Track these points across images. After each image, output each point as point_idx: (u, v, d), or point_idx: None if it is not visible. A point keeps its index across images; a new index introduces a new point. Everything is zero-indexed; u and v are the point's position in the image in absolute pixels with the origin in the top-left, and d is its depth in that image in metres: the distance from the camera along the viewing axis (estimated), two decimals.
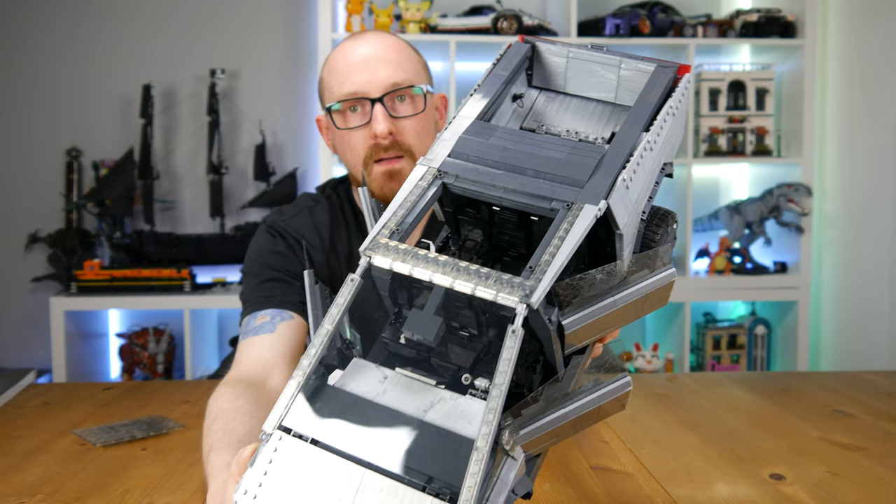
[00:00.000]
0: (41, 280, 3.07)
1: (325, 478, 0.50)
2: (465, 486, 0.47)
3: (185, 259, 2.98)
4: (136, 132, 3.08)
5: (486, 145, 0.61)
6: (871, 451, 1.10)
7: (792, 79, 3.03)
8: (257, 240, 1.31)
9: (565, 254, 0.53)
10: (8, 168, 3.16)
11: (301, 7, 3.21)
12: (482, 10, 2.95)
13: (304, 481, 0.50)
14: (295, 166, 3.16)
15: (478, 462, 0.47)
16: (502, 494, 0.51)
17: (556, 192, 0.57)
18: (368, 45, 1.21)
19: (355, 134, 1.20)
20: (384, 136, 1.17)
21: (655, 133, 0.62)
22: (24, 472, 0.97)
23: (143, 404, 1.27)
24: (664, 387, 1.48)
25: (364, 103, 1.18)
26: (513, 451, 0.52)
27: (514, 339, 0.50)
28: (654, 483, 0.96)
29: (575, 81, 0.72)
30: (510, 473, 0.51)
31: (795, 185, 2.91)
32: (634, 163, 0.59)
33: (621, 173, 0.57)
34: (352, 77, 1.19)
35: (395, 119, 1.18)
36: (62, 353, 2.77)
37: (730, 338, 3.05)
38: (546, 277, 0.52)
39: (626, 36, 2.88)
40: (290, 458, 0.51)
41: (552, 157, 0.59)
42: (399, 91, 1.19)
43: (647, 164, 0.61)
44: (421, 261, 0.54)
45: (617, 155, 0.59)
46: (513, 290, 0.51)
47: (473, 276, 0.52)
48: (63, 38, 3.15)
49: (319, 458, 0.51)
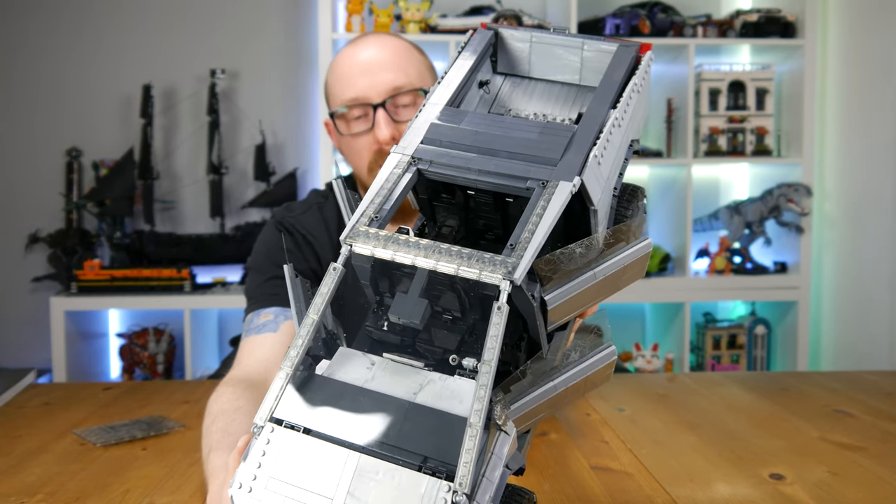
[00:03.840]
0: (41, 280, 3.07)
1: (320, 465, 0.50)
2: (461, 462, 0.47)
3: (185, 259, 2.98)
4: (137, 132, 3.08)
5: (457, 130, 0.62)
6: (871, 451, 1.10)
7: (792, 79, 3.03)
8: (265, 235, 1.31)
9: (544, 230, 0.54)
10: (8, 168, 3.16)
11: (301, 7, 3.21)
12: (482, 10, 2.95)
13: (298, 470, 0.50)
14: (295, 166, 3.17)
15: (472, 438, 0.48)
16: (497, 469, 0.51)
17: (531, 172, 0.58)
18: (370, 49, 1.21)
19: (360, 139, 1.20)
20: (387, 143, 1.17)
21: (622, 110, 0.63)
22: (24, 472, 0.97)
23: (143, 404, 1.27)
24: (664, 387, 1.48)
25: (367, 108, 1.18)
26: (505, 426, 0.52)
27: (500, 316, 0.51)
28: (654, 483, 0.96)
29: (539, 65, 0.73)
30: (504, 448, 0.52)
31: (795, 185, 2.91)
32: (604, 139, 0.60)
33: (592, 150, 0.59)
34: (354, 82, 1.19)
35: (398, 123, 1.18)
36: (62, 353, 2.77)
37: (730, 338, 3.05)
38: (527, 254, 0.53)
39: (625, 36, 2.88)
40: (284, 449, 0.51)
41: (524, 138, 0.60)
42: (401, 95, 1.18)
43: (615, 140, 0.63)
44: (402, 245, 0.54)
45: (587, 132, 0.60)
46: (495, 267, 0.52)
47: (456, 257, 0.53)
48: (63, 39, 3.15)
49: (313, 447, 0.51)
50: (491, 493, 0.50)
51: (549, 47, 0.72)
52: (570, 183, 0.56)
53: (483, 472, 0.50)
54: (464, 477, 0.47)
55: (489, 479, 0.50)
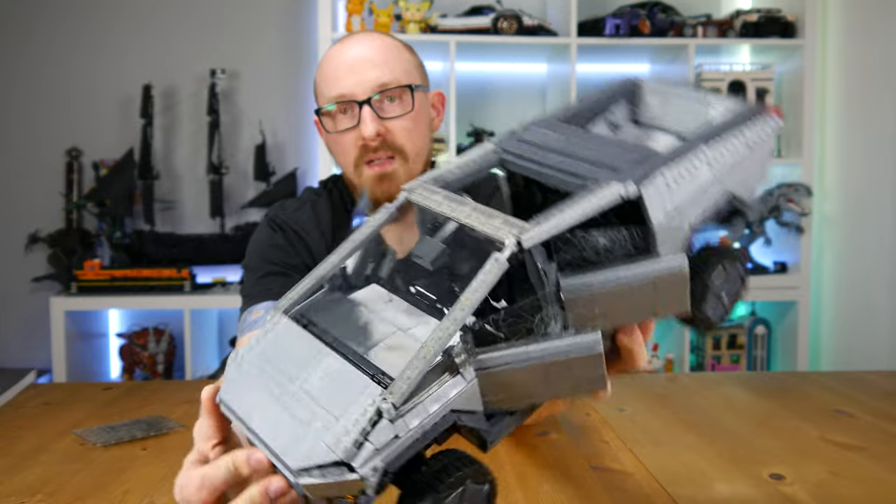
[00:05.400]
0: (41, 280, 3.07)
1: (299, 353, 0.55)
2: (402, 374, 0.48)
3: (185, 259, 2.97)
4: (137, 132, 3.08)
5: (549, 135, 0.65)
6: (871, 451, 1.10)
7: (792, 79, 3.03)
8: (258, 234, 1.31)
9: (575, 212, 0.53)
10: (8, 168, 3.16)
11: (301, 7, 3.21)
12: (482, 10, 2.95)
13: (281, 353, 0.56)
14: (295, 166, 3.17)
15: (420, 359, 0.49)
16: (437, 404, 0.50)
17: (595, 173, 0.58)
18: (356, 47, 1.21)
19: (346, 136, 1.20)
20: (372, 139, 1.17)
21: (718, 150, 0.61)
22: (24, 472, 0.97)
23: (143, 404, 1.27)
24: (664, 387, 1.48)
25: (352, 106, 1.18)
26: (463, 369, 0.51)
27: (494, 265, 0.51)
28: (654, 483, 0.96)
29: (668, 117, 0.74)
30: (453, 389, 0.51)
31: (795, 185, 2.91)
32: (683, 168, 0.59)
33: (664, 170, 0.58)
34: (339, 80, 1.19)
35: (383, 120, 1.18)
36: (62, 353, 2.77)
37: (730, 338, 3.05)
38: (547, 223, 0.52)
39: (625, 36, 2.88)
40: (280, 335, 0.58)
41: (605, 150, 0.61)
42: (387, 92, 1.18)
43: (700, 177, 0.60)
44: (444, 199, 0.58)
45: (667, 157, 0.59)
46: (510, 228, 0.52)
47: (483, 214, 0.55)
48: (63, 39, 3.15)
49: (302, 339, 0.56)
50: (421, 422, 0.49)
51: (681, 100, 0.73)
52: (622, 185, 0.55)
53: (422, 399, 0.50)
54: (398, 388, 0.48)
55: (425, 406, 0.49)
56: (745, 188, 0.66)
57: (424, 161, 1.26)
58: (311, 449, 0.48)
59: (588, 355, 0.53)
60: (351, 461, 0.47)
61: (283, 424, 0.51)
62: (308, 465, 0.48)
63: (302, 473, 0.48)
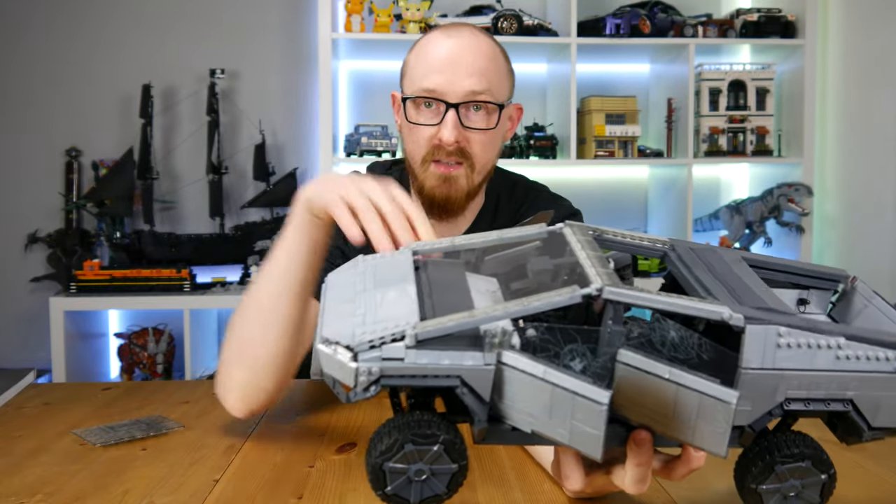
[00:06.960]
0: (41, 280, 3.07)
1: (396, 272, 0.65)
2: (439, 321, 0.55)
3: (184, 259, 2.97)
4: (136, 132, 3.08)
5: (722, 261, 0.69)
6: (871, 451, 1.09)
7: (792, 79, 3.03)
8: None
9: (668, 300, 0.57)
10: (7, 168, 3.15)
11: (301, 7, 3.21)
12: (482, 10, 2.95)
13: (387, 266, 0.67)
14: (295, 166, 3.16)
15: (462, 317, 0.55)
16: (450, 361, 0.55)
17: (722, 296, 0.61)
18: (460, 44, 1.21)
19: (423, 130, 1.21)
20: (450, 144, 1.18)
21: (854, 349, 0.61)
22: (23, 472, 0.96)
23: (143, 404, 1.27)
24: None
25: (439, 104, 1.19)
26: (488, 351, 0.55)
27: (567, 291, 0.56)
28: (654, 483, 0.96)
29: (860, 321, 0.74)
30: (470, 360, 0.55)
31: (796, 185, 2.91)
32: (804, 336, 0.58)
33: (781, 327, 0.58)
34: (435, 73, 1.19)
35: (465, 129, 1.19)
36: (62, 353, 2.77)
37: None
38: (636, 291, 0.56)
39: (626, 36, 2.88)
40: (397, 257, 0.69)
41: (753, 294, 0.62)
42: (476, 101, 1.19)
43: (821, 360, 0.60)
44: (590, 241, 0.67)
45: (796, 320, 0.59)
46: (606, 279, 0.57)
47: (598, 262, 0.61)
48: (62, 38, 3.15)
49: (406, 266, 0.66)
50: (427, 363, 0.54)
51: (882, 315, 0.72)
52: (727, 309, 0.57)
53: (441, 349, 0.55)
54: (428, 326, 0.55)
55: (438, 356, 0.54)
56: (872, 409, 0.65)
57: (488, 172, 1.28)
58: (343, 330, 0.57)
59: (592, 403, 0.54)
60: (357, 352, 0.54)
61: (344, 308, 0.61)
62: (330, 338, 0.56)
63: (324, 340, 0.56)
